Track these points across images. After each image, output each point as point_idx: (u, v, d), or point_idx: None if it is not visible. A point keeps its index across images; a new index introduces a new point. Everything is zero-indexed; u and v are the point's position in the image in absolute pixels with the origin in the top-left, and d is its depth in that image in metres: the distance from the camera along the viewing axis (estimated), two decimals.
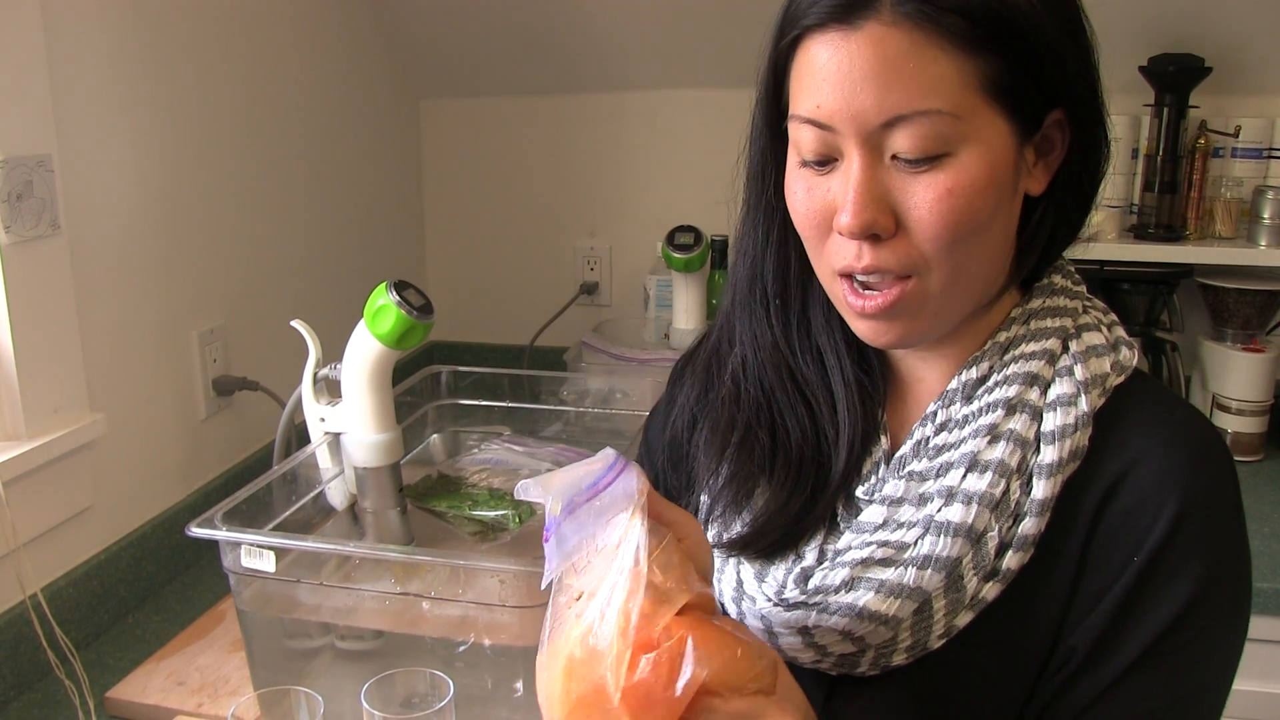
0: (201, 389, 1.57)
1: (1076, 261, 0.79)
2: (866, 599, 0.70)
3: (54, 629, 1.24)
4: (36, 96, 1.23)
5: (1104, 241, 1.85)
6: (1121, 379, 0.73)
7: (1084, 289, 0.78)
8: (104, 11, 1.35)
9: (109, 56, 1.37)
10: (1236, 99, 1.88)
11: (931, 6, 0.63)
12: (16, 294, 1.22)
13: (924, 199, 0.66)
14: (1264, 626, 1.43)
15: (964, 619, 0.70)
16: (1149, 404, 0.73)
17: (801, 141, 0.69)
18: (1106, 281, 1.89)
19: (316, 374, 1.25)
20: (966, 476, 0.70)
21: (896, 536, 0.72)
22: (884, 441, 0.77)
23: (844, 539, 0.74)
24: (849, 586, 0.71)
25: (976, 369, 0.74)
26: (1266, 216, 1.80)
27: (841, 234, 0.68)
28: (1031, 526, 0.69)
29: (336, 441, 1.24)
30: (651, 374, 1.72)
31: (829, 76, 0.66)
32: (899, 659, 0.72)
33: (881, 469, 0.76)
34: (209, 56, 1.56)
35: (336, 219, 1.95)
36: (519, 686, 1.07)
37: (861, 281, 0.69)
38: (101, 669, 1.28)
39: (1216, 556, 0.69)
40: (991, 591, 0.70)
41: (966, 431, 0.72)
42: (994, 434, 0.71)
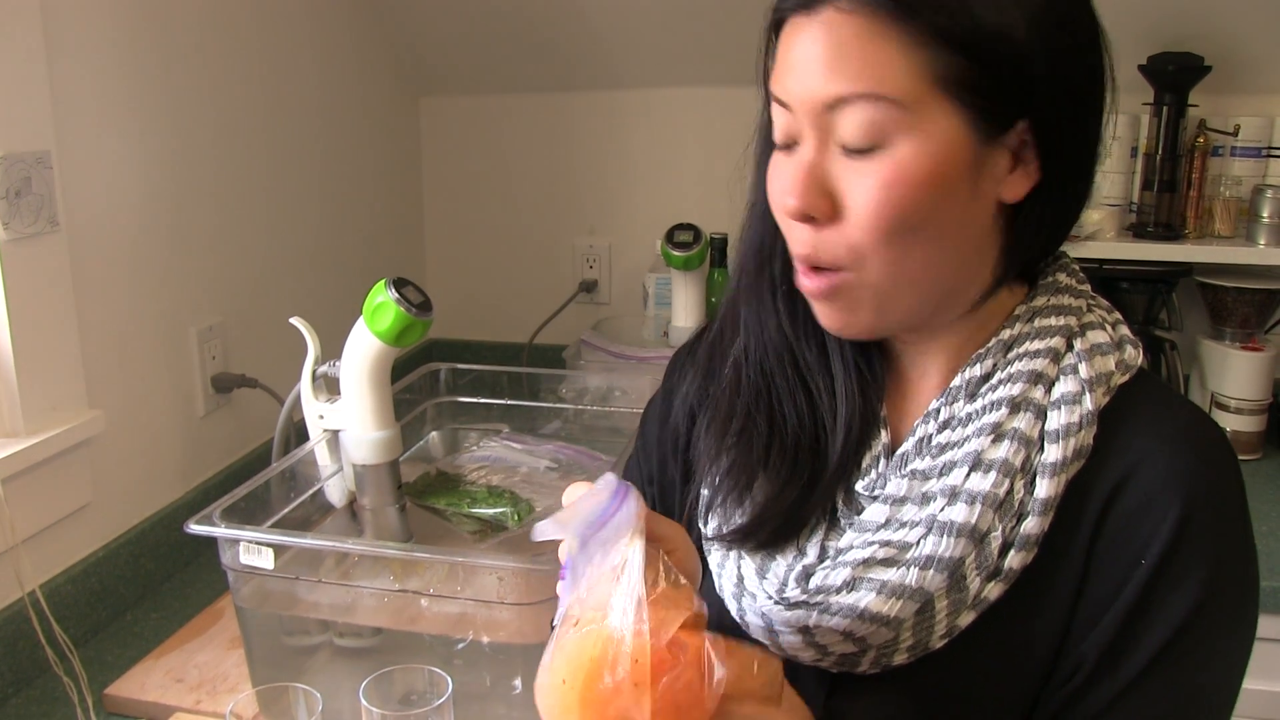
0: (200, 386, 1.57)
1: (1076, 261, 0.79)
2: (868, 600, 0.70)
3: (52, 626, 1.24)
4: (35, 93, 1.23)
5: (1103, 240, 1.86)
6: (1126, 378, 0.73)
7: (1089, 287, 0.77)
8: (104, 8, 1.35)
9: (108, 53, 1.37)
10: (1236, 98, 1.88)
11: None
12: (15, 291, 1.22)
13: (861, 187, 0.66)
14: (1264, 625, 1.43)
15: (966, 619, 0.70)
16: (1154, 403, 0.72)
17: (775, 124, 0.71)
18: (1105, 280, 1.89)
19: (315, 371, 1.25)
20: (970, 475, 0.70)
21: (899, 536, 0.71)
22: (884, 435, 0.76)
23: (846, 537, 0.74)
24: (850, 587, 0.71)
25: (980, 366, 0.73)
26: (1265, 215, 1.80)
27: (785, 216, 0.70)
28: (1035, 526, 0.69)
29: (335, 439, 1.24)
30: (650, 372, 1.72)
31: (789, 59, 0.68)
32: (900, 659, 0.71)
33: (882, 463, 0.75)
34: (209, 54, 1.55)
35: (336, 216, 1.94)
36: (517, 684, 1.07)
37: (813, 265, 0.70)
38: (100, 666, 1.28)
39: (1222, 558, 0.68)
40: (994, 591, 0.69)
41: (970, 430, 0.72)
42: (998, 432, 0.71)
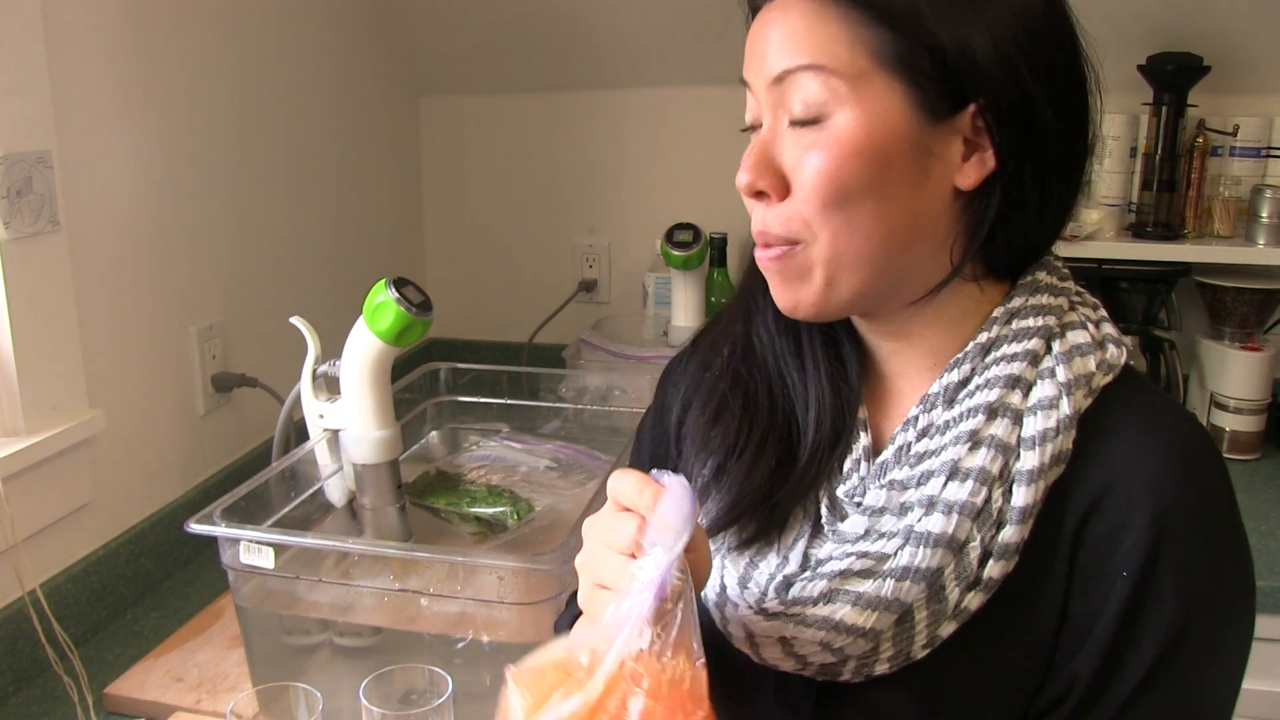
0: (200, 385, 1.57)
1: (1075, 260, 0.78)
2: (844, 611, 0.69)
3: (53, 625, 1.24)
4: (36, 93, 1.23)
5: (1102, 240, 1.86)
6: (1109, 378, 0.71)
7: (1071, 284, 0.76)
8: (104, 8, 1.35)
9: (108, 53, 1.37)
10: (1235, 98, 1.88)
11: None
12: (15, 290, 1.22)
13: (803, 159, 0.68)
14: (1263, 625, 1.43)
15: (947, 629, 0.69)
16: (1137, 407, 0.71)
17: (747, 108, 0.74)
18: (1104, 280, 1.89)
19: (315, 370, 1.25)
20: (947, 485, 0.69)
21: (877, 547, 0.70)
22: (864, 438, 0.75)
23: (825, 548, 0.74)
24: (827, 599, 0.70)
25: (958, 371, 0.72)
26: (1264, 215, 1.80)
27: (742, 193, 0.72)
28: (1014, 534, 0.68)
29: (335, 438, 1.24)
30: (650, 371, 1.72)
31: (750, 44, 0.72)
32: (881, 668, 0.71)
33: (863, 468, 0.75)
34: (208, 53, 1.55)
35: (336, 215, 1.95)
36: None
37: (766, 241, 0.72)
38: (100, 665, 1.28)
39: (1209, 566, 0.67)
40: (975, 601, 0.68)
41: (947, 438, 0.70)
42: (975, 440, 0.69)
